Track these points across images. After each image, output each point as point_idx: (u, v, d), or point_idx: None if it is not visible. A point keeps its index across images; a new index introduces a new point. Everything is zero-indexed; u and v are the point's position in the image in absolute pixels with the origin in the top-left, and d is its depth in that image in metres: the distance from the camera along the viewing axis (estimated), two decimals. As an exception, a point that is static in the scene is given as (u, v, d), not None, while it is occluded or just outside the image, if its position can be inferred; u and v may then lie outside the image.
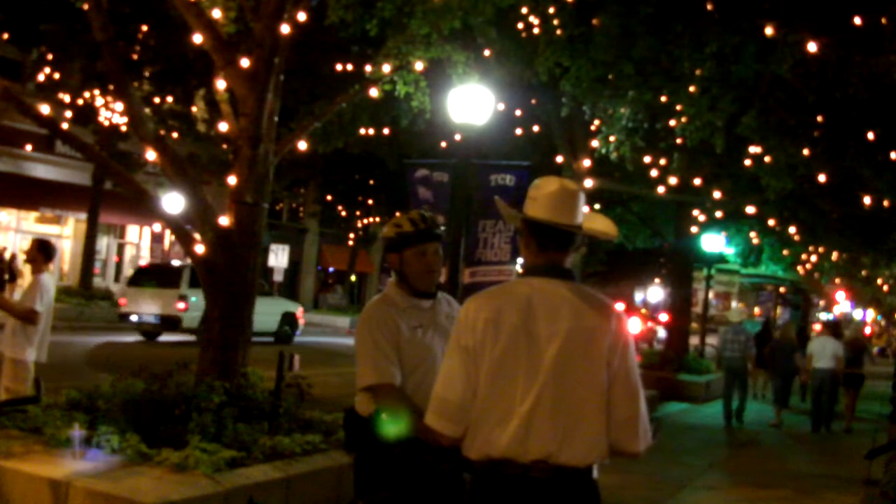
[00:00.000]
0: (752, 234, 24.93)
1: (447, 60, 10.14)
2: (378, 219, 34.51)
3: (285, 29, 6.94)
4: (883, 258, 26.49)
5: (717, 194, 16.42)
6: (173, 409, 5.91)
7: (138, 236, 31.23)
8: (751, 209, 18.06)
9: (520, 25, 12.58)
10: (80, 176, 25.15)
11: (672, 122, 13.65)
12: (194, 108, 22.45)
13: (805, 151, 13.39)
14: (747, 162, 14.14)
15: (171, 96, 21.29)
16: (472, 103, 9.12)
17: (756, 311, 48.66)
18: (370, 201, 33.67)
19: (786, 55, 11.36)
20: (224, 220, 6.85)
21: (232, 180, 6.94)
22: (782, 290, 42.26)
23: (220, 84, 7.27)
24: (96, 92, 20.40)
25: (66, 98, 20.29)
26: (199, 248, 6.78)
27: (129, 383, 6.34)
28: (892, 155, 12.98)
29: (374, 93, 9.48)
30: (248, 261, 6.90)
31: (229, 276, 6.78)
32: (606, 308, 2.82)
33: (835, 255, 28.24)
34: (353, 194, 32.81)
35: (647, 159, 15.32)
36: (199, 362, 6.76)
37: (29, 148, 23.22)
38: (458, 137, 9.91)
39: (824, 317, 46.54)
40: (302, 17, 7.32)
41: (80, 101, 20.55)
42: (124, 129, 20.29)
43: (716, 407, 16.95)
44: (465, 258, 9.21)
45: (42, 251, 7.10)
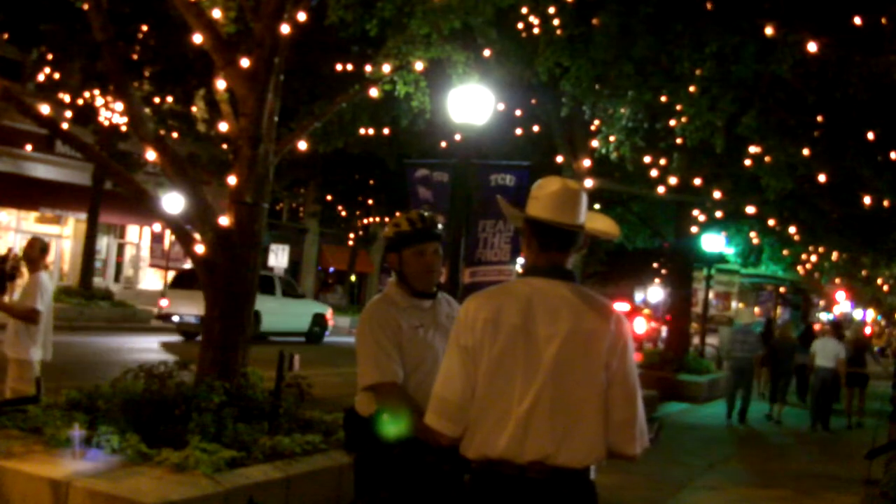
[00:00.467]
0: (752, 234, 24.93)
1: (447, 60, 10.14)
2: (378, 219, 34.51)
3: (285, 29, 6.94)
4: (883, 258, 26.48)
5: (717, 194, 16.42)
6: (173, 409, 5.91)
7: (138, 236, 31.24)
8: (751, 209, 18.06)
9: (520, 25, 12.58)
10: (80, 176, 25.16)
11: (672, 122, 13.65)
12: (194, 108, 22.44)
13: (805, 151, 13.39)
14: (747, 162, 14.15)
15: (171, 96, 21.26)
16: (472, 103, 9.13)
17: (756, 311, 48.64)
18: (370, 201, 33.67)
19: (786, 55, 11.36)
20: (224, 220, 6.85)
21: (232, 180, 6.94)
22: (782, 290, 42.26)
23: (220, 84, 7.26)
24: (96, 92, 20.38)
25: (66, 98, 20.27)
26: (199, 248, 6.78)
27: (129, 383, 6.34)
28: (892, 155, 12.98)
29: (374, 93, 9.48)
30: (248, 261, 6.90)
31: (229, 276, 6.78)
32: (606, 309, 2.81)
33: (835, 255, 28.23)
34: (353, 194, 32.80)
35: (647, 159, 15.32)
36: (199, 362, 6.76)
37: (29, 148, 23.22)
38: (458, 137, 9.92)
39: (824, 317, 46.55)
40: (302, 17, 7.32)
41: (80, 101, 20.52)
42: (124, 129, 20.28)
43: (716, 407, 16.97)
44: (465, 258, 9.21)
45: (41, 251, 7.13)
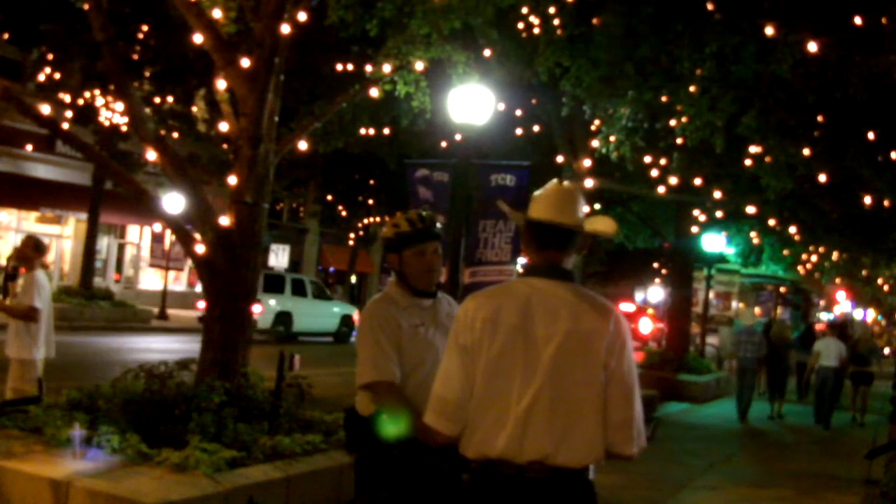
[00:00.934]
0: (753, 234, 24.92)
1: (447, 60, 10.14)
2: (378, 219, 34.48)
3: (285, 29, 6.94)
4: (883, 258, 26.46)
5: (717, 194, 16.42)
6: (173, 409, 5.91)
7: (138, 236, 31.24)
8: (751, 209, 18.05)
9: (520, 25, 12.58)
10: (80, 176, 25.16)
11: (672, 122, 13.64)
12: (194, 108, 22.44)
13: (805, 151, 13.38)
14: (747, 162, 14.13)
15: (171, 96, 21.26)
16: (472, 103, 9.12)
17: (756, 311, 48.61)
18: (370, 201, 33.65)
19: (786, 55, 11.35)
20: (224, 220, 6.85)
21: (232, 180, 6.94)
22: (782, 290, 42.21)
23: (221, 84, 7.26)
24: (96, 92, 20.37)
25: (67, 98, 20.26)
26: (200, 249, 6.78)
27: (130, 383, 6.35)
28: (893, 155, 12.97)
29: (374, 93, 9.48)
30: (248, 261, 6.90)
31: (229, 276, 6.78)
32: (605, 309, 2.82)
33: (835, 255, 28.22)
34: (353, 194, 32.79)
35: (648, 159, 15.31)
36: (200, 362, 6.76)
37: (29, 148, 23.21)
38: (458, 137, 9.91)
39: (825, 317, 46.54)
40: (302, 17, 7.32)
41: (81, 101, 20.51)
42: (124, 129, 20.27)
43: (716, 407, 17.02)
44: (466, 258, 9.21)
45: (35, 249, 7.12)
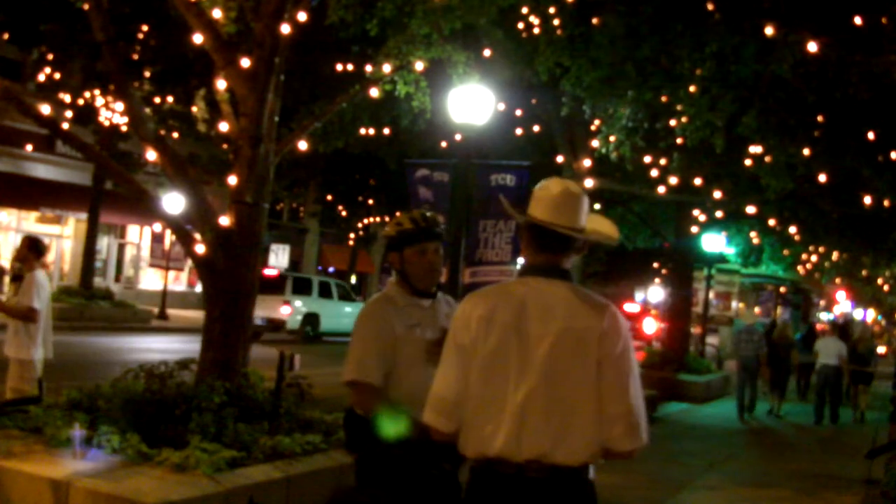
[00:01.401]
0: (753, 234, 24.92)
1: (447, 60, 10.13)
2: (378, 219, 34.48)
3: (285, 29, 6.93)
4: (883, 258, 26.45)
5: (717, 194, 16.41)
6: (173, 409, 5.90)
7: (138, 236, 31.24)
8: (751, 209, 18.06)
9: (520, 25, 12.58)
10: (80, 176, 25.16)
11: (672, 122, 13.64)
12: (194, 108, 22.42)
13: (805, 151, 13.39)
14: (747, 162, 14.13)
15: (171, 96, 21.25)
16: (472, 103, 9.13)
17: (756, 310, 48.59)
18: (370, 201, 33.63)
19: (786, 55, 11.35)
20: (224, 220, 6.85)
21: (232, 180, 6.93)
22: (782, 290, 42.20)
23: (221, 84, 7.26)
24: (96, 92, 20.36)
25: (67, 98, 20.25)
26: (200, 248, 6.78)
27: (130, 383, 6.34)
28: (893, 155, 12.97)
29: (374, 93, 9.47)
30: (248, 261, 6.90)
31: (229, 276, 6.78)
32: (600, 307, 2.81)
33: (835, 255, 28.21)
34: (353, 194, 32.79)
35: (647, 159, 15.31)
36: (200, 362, 6.75)
37: (29, 148, 23.21)
38: (458, 137, 9.92)
39: (825, 317, 46.55)
40: (302, 17, 7.31)
41: (81, 101, 20.50)
42: (124, 129, 20.28)
43: (716, 407, 17.03)
44: (466, 258, 9.21)
45: (32, 249, 7.11)
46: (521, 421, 2.71)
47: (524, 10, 11.88)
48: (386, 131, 16.74)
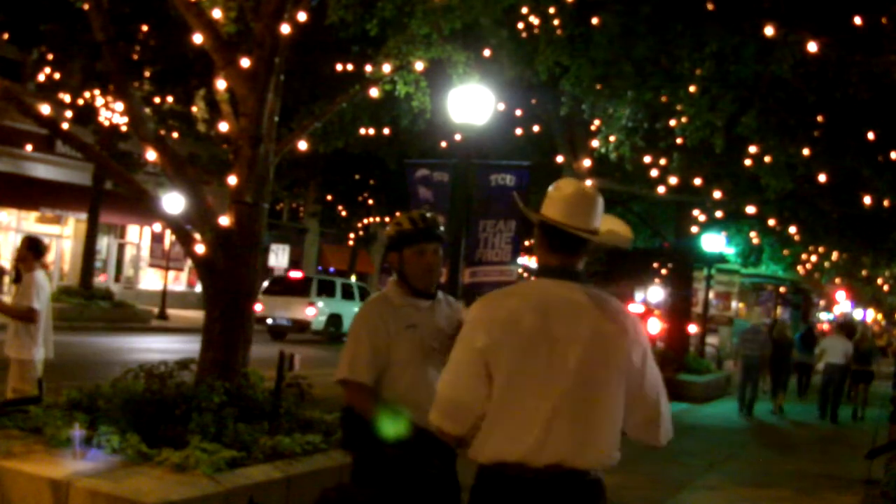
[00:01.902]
0: (753, 234, 24.92)
1: (447, 60, 10.14)
2: (378, 219, 34.48)
3: (285, 29, 6.93)
4: (883, 258, 26.44)
5: (717, 194, 16.43)
6: (173, 409, 5.90)
7: (138, 236, 31.25)
8: (751, 209, 18.08)
9: (520, 25, 12.57)
10: (80, 176, 25.16)
11: (672, 122, 13.64)
12: (194, 108, 22.44)
13: (805, 151, 13.38)
14: (747, 162, 14.13)
15: (171, 96, 21.26)
16: (472, 103, 9.13)
17: (757, 310, 48.51)
18: (370, 201, 33.64)
19: (786, 55, 11.35)
20: (224, 220, 6.85)
21: (232, 180, 6.93)
22: (782, 290, 42.16)
23: (220, 84, 7.26)
24: (96, 92, 20.38)
25: (67, 98, 20.25)
26: (200, 248, 6.78)
27: (130, 383, 6.34)
28: (893, 155, 12.97)
29: (374, 93, 9.47)
30: (248, 261, 6.90)
31: (229, 276, 6.78)
32: (623, 313, 2.82)
33: (835, 255, 28.21)
34: (353, 194, 32.81)
35: (647, 159, 15.31)
36: (200, 362, 6.75)
37: (29, 148, 23.22)
38: (458, 137, 9.92)
39: (825, 317, 46.54)
40: (302, 17, 7.32)
41: (80, 101, 20.51)
42: (124, 129, 20.29)
43: (716, 407, 17.05)
44: (466, 258, 9.21)
45: (32, 249, 7.10)
46: (548, 427, 2.66)
47: (524, 10, 11.88)
48: (386, 131, 16.74)
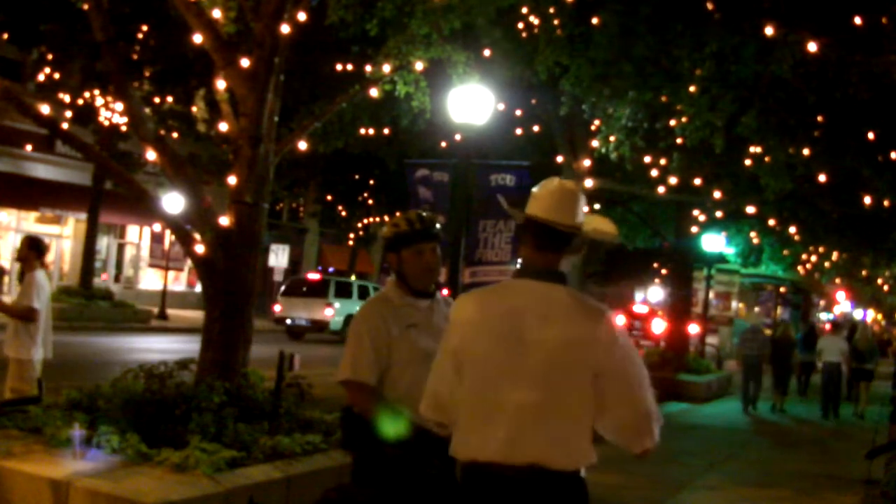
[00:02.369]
0: (752, 234, 24.91)
1: (447, 60, 10.13)
2: (378, 219, 34.49)
3: (285, 29, 6.93)
4: (883, 258, 26.46)
5: (717, 194, 16.44)
6: (173, 409, 5.90)
7: (138, 236, 31.24)
8: (751, 209, 18.11)
9: (520, 25, 12.57)
10: (80, 176, 25.16)
11: (672, 122, 13.64)
12: (194, 108, 22.45)
13: (805, 151, 13.39)
14: (747, 162, 14.14)
15: (171, 96, 21.28)
16: (472, 103, 9.13)
17: (756, 310, 48.52)
18: (370, 201, 33.65)
19: (786, 55, 11.35)
20: (224, 220, 6.85)
21: (232, 180, 6.93)
22: (782, 290, 42.17)
23: (220, 84, 7.26)
24: (96, 92, 20.40)
25: (66, 98, 20.28)
26: (200, 248, 6.78)
27: (130, 383, 6.34)
28: (893, 155, 12.98)
29: (374, 93, 9.47)
30: (248, 261, 6.90)
31: (229, 276, 6.78)
32: (597, 314, 2.78)
33: (835, 255, 28.22)
34: (353, 194, 32.82)
35: (647, 159, 15.32)
36: (200, 362, 6.75)
37: (29, 148, 23.22)
38: (458, 137, 9.93)
39: (825, 317, 46.55)
40: (302, 17, 7.32)
41: (80, 101, 20.54)
42: (124, 129, 20.30)
43: (716, 407, 17.07)
44: (466, 258, 9.21)
45: (34, 248, 7.10)
46: (514, 427, 2.69)
47: (524, 10, 11.88)
48: (386, 131, 16.76)
